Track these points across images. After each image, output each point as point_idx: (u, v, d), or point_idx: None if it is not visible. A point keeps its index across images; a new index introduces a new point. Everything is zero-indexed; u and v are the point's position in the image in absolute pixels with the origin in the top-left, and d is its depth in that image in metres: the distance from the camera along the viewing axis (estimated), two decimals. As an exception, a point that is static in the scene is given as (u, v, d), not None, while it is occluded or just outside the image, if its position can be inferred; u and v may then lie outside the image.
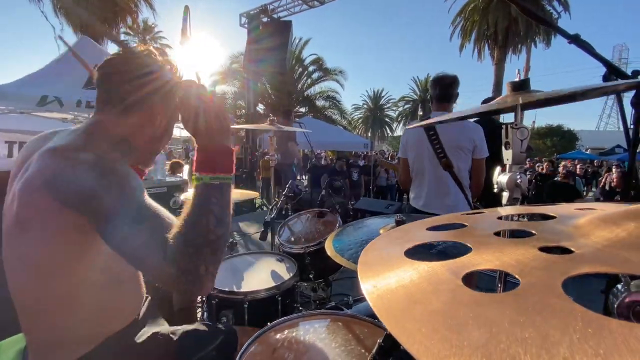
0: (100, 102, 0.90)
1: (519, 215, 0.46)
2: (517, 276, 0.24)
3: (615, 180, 7.03)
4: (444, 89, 2.18)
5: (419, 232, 0.42)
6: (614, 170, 8.76)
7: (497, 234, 0.35)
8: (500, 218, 0.43)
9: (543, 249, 0.29)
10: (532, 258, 0.27)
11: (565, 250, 0.30)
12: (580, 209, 0.42)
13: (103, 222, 0.69)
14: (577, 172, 8.68)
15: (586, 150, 24.43)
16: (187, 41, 1.84)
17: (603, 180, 8.58)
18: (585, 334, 0.18)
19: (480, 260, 0.29)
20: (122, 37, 19.63)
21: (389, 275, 0.30)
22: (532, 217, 0.46)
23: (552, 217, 0.39)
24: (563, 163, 10.61)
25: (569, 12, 16.60)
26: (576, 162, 15.29)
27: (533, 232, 0.33)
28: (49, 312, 0.80)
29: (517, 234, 0.37)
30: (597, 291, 1.00)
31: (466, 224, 0.41)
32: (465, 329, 0.20)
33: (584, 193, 8.61)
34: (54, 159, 0.73)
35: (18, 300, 0.82)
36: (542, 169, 8.46)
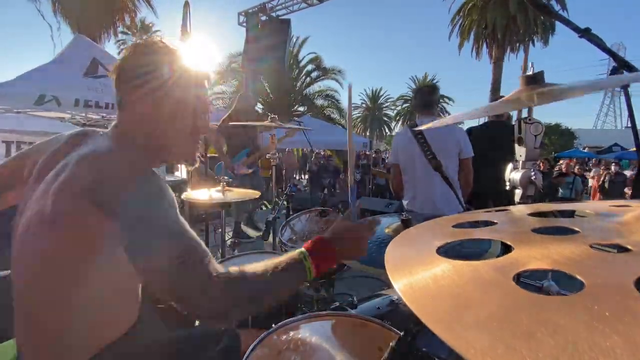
0: (117, 104, 0.90)
1: (549, 212, 0.44)
2: (578, 276, 0.22)
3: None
4: (425, 96, 2.38)
5: (445, 229, 0.40)
6: (612, 167, 8.78)
7: (535, 230, 0.33)
8: (530, 215, 0.40)
9: (595, 247, 0.26)
10: (585, 257, 0.25)
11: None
12: (615, 206, 0.39)
13: (134, 231, 0.70)
14: (576, 171, 8.69)
15: (584, 148, 24.45)
16: (188, 37, 1.81)
17: (601, 179, 8.59)
18: (680, 343, 0.16)
19: (527, 258, 0.26)
20: (120, 36, 19.51)
21: (423, 275, 0.28)
22: (560, 214, 0.44)
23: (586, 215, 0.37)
24: (567, 162, 10.62)
25: (566, 11, 16.62)
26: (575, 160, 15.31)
27: (576, 229, 0.31)
28: (49, 315, 0.77)
29: (551, 232, 0.34)
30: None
31: (495, 221, 0.38)
32: (534, 337, 0.17)
33: (583, 192, 8.62)
34: (93, 166, 0.75)
35: (20, 299, 0.80)
36: (541, 167, 8.47)
